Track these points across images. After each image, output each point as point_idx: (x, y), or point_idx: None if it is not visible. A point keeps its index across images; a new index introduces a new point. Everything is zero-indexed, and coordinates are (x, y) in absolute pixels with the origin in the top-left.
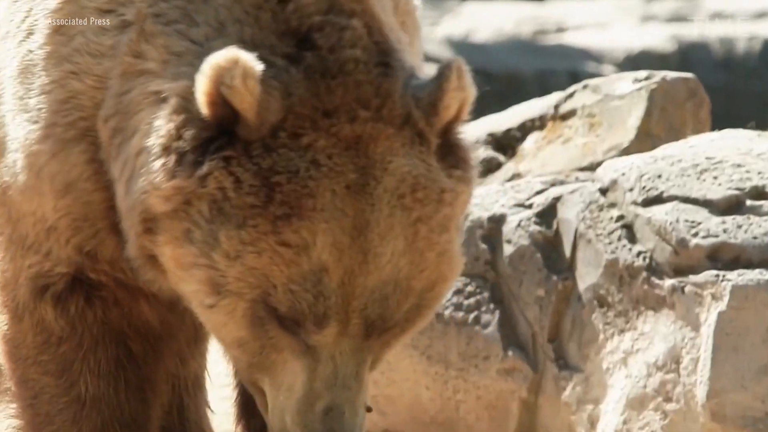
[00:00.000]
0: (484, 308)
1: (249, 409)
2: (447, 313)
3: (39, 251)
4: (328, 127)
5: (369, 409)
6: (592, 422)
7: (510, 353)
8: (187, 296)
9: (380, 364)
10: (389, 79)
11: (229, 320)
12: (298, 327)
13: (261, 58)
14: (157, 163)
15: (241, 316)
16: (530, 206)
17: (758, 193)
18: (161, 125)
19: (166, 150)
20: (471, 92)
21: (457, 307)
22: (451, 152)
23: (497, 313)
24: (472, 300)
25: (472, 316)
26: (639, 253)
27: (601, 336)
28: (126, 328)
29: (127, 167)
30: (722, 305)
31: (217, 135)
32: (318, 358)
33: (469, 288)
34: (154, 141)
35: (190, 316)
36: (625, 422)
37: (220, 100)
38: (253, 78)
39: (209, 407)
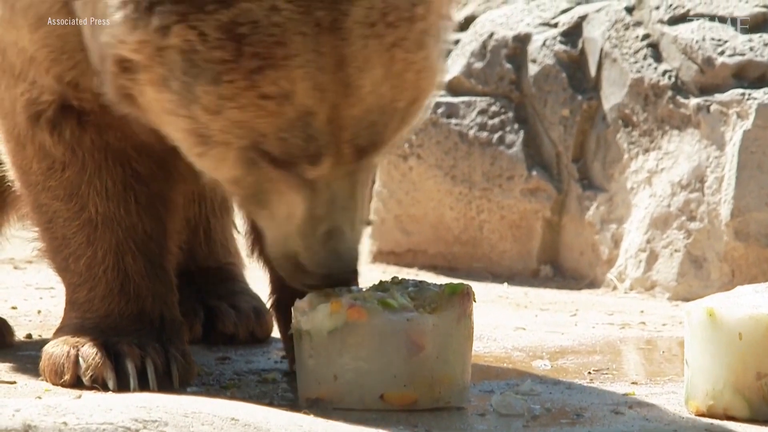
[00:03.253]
0: (508, 128)
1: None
2: (471, 133)
3: (26, 80)
4: None
5: (369, 223)
6: (616, 241)
7: (534, 173)
8: (173, 139)
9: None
10: None
11: (220, 165)
12: (293, 166)
13: None
14: (118, 16)
15: (233, 161)
16: (556, 25)
17: None
18: None
19: (123, 1)
20: None
21: (482, 127)
22: None
23: (521, 133)
24: (496, 120)
25: (496, 136)
26: (664, 72)
27: (626, 155)
28: (128, 149)
29: (87, 6)
30: (747, 124)
31: None
32: (315, 188)
33: (494, 108)
34: None
35: None
36: (648, 241)
37: None
38: None
39: (236, 228)
